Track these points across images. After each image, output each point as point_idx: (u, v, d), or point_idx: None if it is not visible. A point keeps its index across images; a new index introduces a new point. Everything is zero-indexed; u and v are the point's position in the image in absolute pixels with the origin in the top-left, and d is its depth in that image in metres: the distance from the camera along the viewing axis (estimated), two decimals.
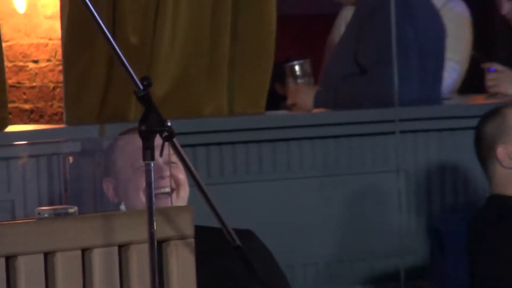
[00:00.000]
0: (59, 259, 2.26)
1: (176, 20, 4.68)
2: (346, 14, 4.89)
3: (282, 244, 4.01)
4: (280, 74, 5.17)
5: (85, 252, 2.32)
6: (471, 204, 4.81)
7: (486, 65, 5.68)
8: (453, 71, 5.54)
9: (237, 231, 2.51)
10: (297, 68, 4.76)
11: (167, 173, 3.05)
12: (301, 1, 8.93)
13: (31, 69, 6.57)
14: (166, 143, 2.14)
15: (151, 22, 4.64)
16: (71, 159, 3.02)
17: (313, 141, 4.39)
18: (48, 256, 2.23)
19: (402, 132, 4.37)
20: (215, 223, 2.46)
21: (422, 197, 4.69)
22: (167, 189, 3.05)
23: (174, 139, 2.14)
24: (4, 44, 4.98)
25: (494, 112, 4.27)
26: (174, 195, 3.06)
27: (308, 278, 4.51)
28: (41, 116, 6.23)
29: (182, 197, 3.14)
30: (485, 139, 4.17)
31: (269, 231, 3.87)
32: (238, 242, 2.43)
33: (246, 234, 3.21)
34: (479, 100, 5.75)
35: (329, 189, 4.44)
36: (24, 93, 6.59)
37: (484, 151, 4.17)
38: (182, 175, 3.11)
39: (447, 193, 4.89)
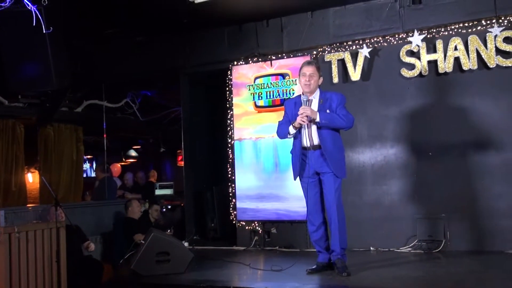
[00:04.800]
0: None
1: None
2: None
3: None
4: None
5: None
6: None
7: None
8: None
9: (74, 225, 5.75)
10: None
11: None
12: None
13: None
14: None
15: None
16: None
17: None
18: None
19: None
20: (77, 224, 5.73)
21: None
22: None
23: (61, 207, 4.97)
24: None
25: (128, 200, 6.79)
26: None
27: None
28: None
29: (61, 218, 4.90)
30: (126, 206, 6.62)
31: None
32: (74, 225, 5.71)
33: (75, 226, 5.78)
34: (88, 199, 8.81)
35: None
36: None
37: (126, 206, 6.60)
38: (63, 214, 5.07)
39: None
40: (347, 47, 6.40)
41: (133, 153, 13.00)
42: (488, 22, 5.78)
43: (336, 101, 4.53)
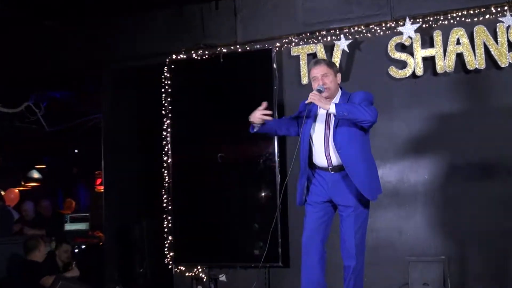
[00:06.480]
0: None
1: None
2: None
3: None
4: None
5: None
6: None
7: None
8: None
9: None
10: None
11: None
12: None
13: None
14: None
15: None
16: None
17: None
18: None
19: None
20: None
21: None
22: None
23: None
24: None
25: (29, 238, 6.49)
26: None
27: None
28: None
29: None
30: (28, 246, 6.23)
31: None
32: None
33: None
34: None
35: None
36: None
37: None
38: None
39: None
40: (320, 38, 6.23)
41: (35, 174, 12.24)
42: (499, 9, 5.57)
43: (358, 99, 4.19)
